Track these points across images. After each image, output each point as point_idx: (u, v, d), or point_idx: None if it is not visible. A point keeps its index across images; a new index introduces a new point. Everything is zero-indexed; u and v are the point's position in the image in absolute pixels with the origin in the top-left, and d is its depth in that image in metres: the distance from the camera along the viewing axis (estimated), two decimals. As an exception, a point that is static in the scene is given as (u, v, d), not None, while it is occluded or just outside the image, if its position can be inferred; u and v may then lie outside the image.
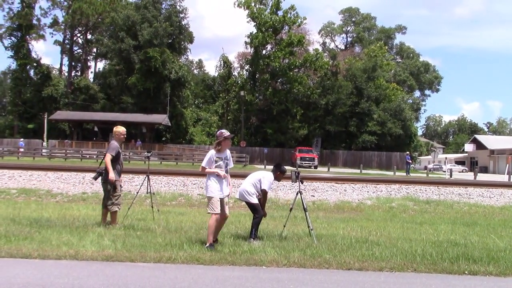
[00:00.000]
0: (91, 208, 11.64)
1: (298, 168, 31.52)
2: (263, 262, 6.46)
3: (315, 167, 43.33)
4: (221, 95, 64.90)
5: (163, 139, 61.50)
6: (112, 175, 8.55)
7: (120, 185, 8.96)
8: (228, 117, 62.48)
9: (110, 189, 8.69)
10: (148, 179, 9.90)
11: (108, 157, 8.61)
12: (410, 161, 44.23)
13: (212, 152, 7.39)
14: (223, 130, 7.58)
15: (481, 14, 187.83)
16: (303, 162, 43.12)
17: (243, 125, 55.48)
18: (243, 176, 19.52)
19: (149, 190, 9.75)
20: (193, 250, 6.93)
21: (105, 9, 61.56)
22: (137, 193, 10.78)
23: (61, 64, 73.20)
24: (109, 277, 5.53)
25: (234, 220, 10.36)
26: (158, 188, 15.65)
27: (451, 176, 38.98)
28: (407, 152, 47.86)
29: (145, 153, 10.76)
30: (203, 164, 7.32)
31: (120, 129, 9.02)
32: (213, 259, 6.48)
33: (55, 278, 5.42)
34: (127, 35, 57.80)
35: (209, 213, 7.30)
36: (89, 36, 72.01)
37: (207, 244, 7.17)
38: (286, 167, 8.76)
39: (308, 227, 8.13)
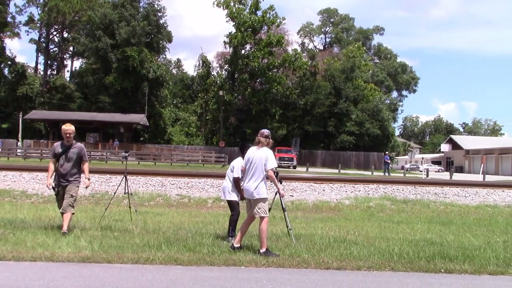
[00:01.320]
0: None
1: (277, 168, 31.55)
2: (242, 262, 6.45)
3: (294, 167, 43.47)
4: (200, 94, 64.71)
5: (141, 139, 60.98)
6: (48, 180, 8.17)
7: (56, 189, 8.16)
8: (207, 117, 62.31)
9: None
10: (126, 179, 9.80)
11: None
12: (389, 161, 44.78)
13: None
14: None
15: (457, 16, 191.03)
16: (282, 162, 43.23)
17: (222, 125, 55.38)
18: (222, 176, 19.52)
19: (126, 191, 9.65)
20: (171, 251, 6.89)
21: (82, 7, 60.73)
22: (115, 193, 10.67)
23: (36, 63, 72.06)
24: (85, 279, 5.46)
25: (212, 221, 10.33)
26: (136, 188, 15.53)
27: (427, 176, 39.52)
28: (386, 152, 48.42)
29: (123, 153, 10.63)
30: (276, 164, 7.29)
31: (65, 126, 8.23)
32: (191, 260, 6.45)
33: (30, 280, 5.33)
34: (104, 34, 57.16)
35: (262, 216, 6.99)
36: (65, 35, 71.01)
37: (263, 250, 6.91)
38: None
39: (287, 227, 8.15)
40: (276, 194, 8.31)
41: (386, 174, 40.53)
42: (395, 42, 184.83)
